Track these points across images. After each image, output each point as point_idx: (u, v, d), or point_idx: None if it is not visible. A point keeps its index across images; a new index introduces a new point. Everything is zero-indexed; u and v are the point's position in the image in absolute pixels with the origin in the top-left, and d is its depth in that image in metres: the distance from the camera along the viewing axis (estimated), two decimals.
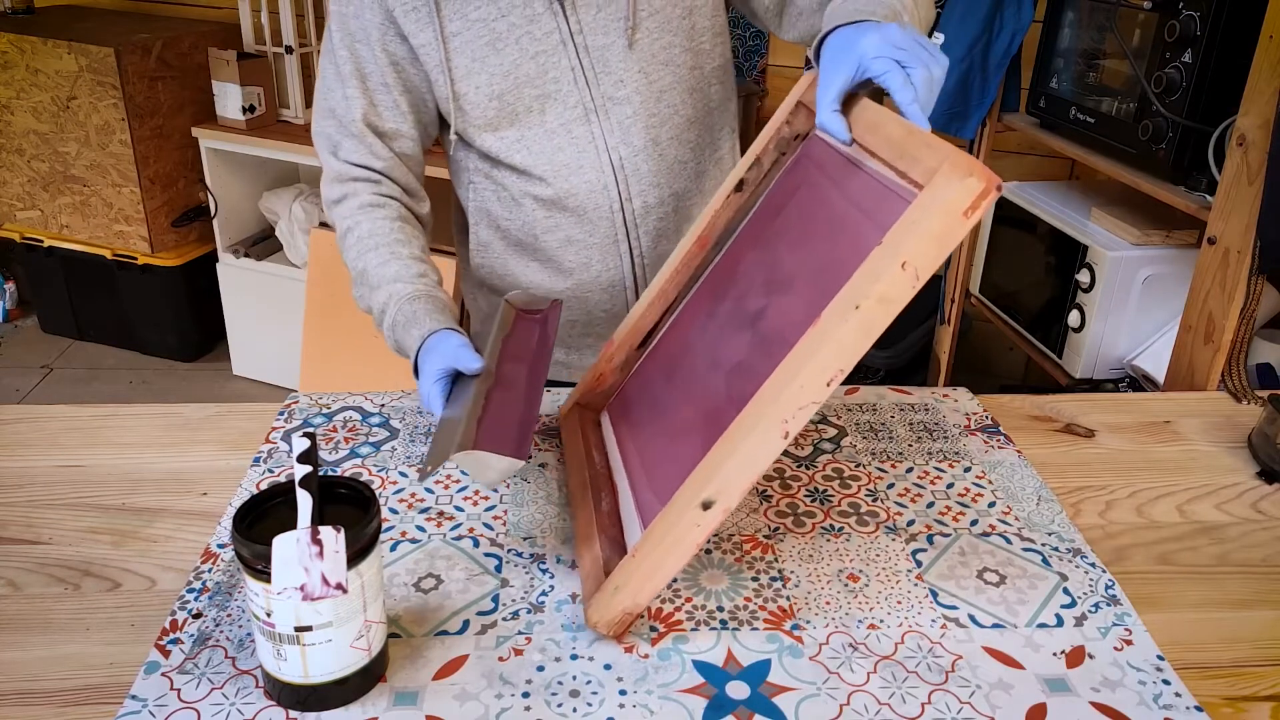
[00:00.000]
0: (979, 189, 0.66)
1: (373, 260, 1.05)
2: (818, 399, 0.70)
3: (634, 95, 1.09)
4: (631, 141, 1.11)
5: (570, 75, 1.07)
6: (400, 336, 1.01)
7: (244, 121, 2.83)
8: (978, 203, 0.66)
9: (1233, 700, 0.76)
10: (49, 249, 3.11)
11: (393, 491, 0.98)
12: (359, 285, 1.08)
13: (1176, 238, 1.79)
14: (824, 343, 0.69)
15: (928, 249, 0.67)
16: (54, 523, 0.93)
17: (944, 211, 0.67)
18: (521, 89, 1.07)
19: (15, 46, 2.81)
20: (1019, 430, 1.13)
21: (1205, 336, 1.44)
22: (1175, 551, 0.94)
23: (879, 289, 0.68)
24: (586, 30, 1.06)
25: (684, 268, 1.01)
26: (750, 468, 0.72)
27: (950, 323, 2.33)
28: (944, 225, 0.67)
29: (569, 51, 1.06)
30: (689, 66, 1.12)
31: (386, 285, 1.03)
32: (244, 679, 0.74)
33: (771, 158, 0.98)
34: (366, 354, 2.48)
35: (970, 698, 0.74)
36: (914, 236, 0.67)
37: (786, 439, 0.71)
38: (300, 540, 0.67)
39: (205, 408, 1.13)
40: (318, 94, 1.12)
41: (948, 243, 0.67)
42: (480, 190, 1.16)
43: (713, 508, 0.73)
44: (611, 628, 0.78)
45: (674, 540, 0.74)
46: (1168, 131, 1.63)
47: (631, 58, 1.08)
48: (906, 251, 0.67)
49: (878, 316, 0.69)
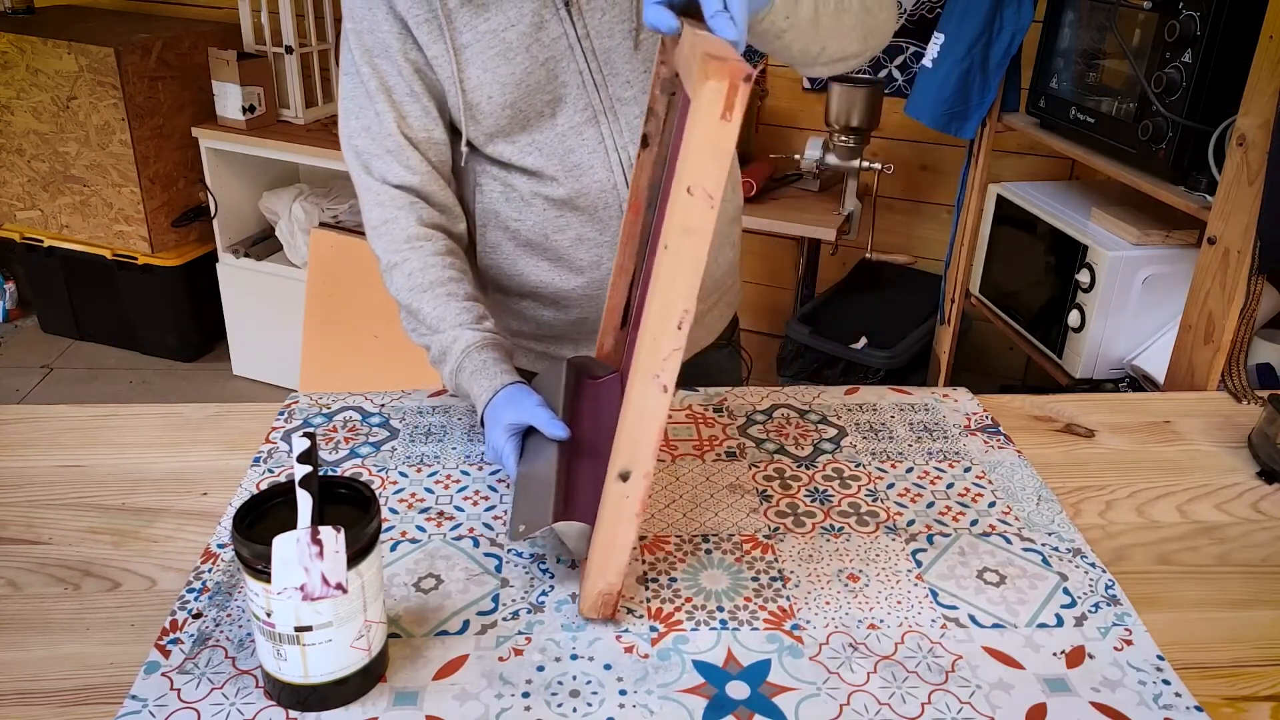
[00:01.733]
0: (724, 88, 0.63)
1: (427, 301, 1.05)
2: (676, 345, 0.70)
3: (640, 95, 1.10)
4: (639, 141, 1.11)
5: (579, 79, 1.08)
6: (466, 382, 1.01)
7: (244, 121, 2.83)
8: (730, 101, 0.63)
9: (1233, 700, 0.76)
10: (49, 249, 3.11)
11: (393, 491, 0.98)
12: (411, 320, 1.08)
13: (1176, 238, 1.78)
14: (655, 291, 0.69)
15: (703, 166, 0.65)
16: (54, 523, 0.93)
17: (703, 123, 0.64)
18: (533, 96, 1.07)
19: (15, 46, 2.82)
20: (1019, 430, 1.13)
21: (1205, 336, 1.44)
22: (1175, 551, 0.94)
23: (677, 221, 0.67)
24: (594, 34, 1.06)
25: (628, 239, 1.01)
26: (645, 428, 0.73)
27: (950, 323, 2.33)
28: (708, 137, 0.64)
29: (577, 55, 1.07)
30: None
31: (449, 330, 1.03)
32: (244, 679, 0.74)
33: (663, 104, 0.96)
34: (366, 354, 2.48)
35: (970, 698, 0.74)
36: (688, 158, 0.65)
37: (667, 391, 0.71)
38: (300, 540, 0.67)
39: (205, 408, 1.13)
40: (344, 115, 1.12)
41: (720, 153, 0.65)
42: (488, 192, 1.16)
43: (631, 477, 0.74)
44: (594, 609, 0.80)
45: (612, 517, 0.76)
46: (1168, 131, 1.63)
47: (637, 58, 1.09)
48: (687, 176, 0.65)
49: (688, 248, 0.67)
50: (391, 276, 1.09)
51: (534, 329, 1.24)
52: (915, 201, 2.78)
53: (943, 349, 2.36)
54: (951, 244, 2.29)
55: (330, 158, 2.76)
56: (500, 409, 0.96)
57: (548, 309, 1.21)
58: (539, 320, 1.23)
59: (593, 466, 0.87)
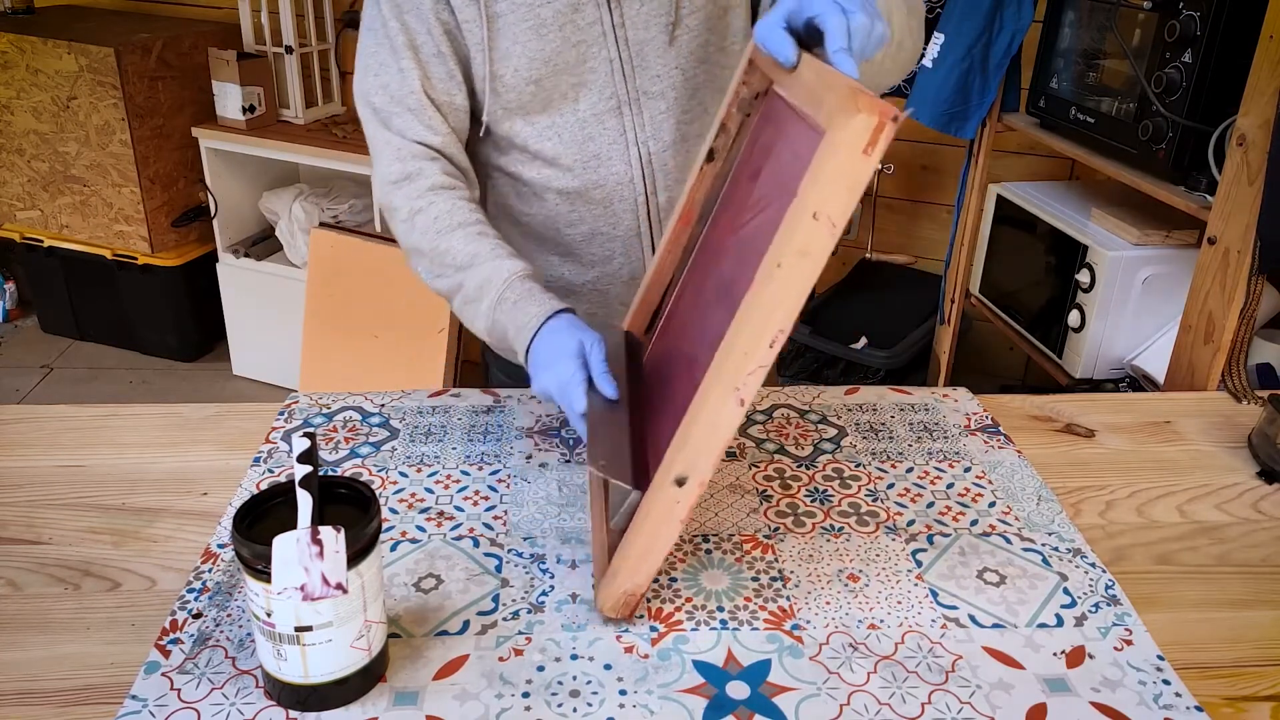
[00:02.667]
0: (872, 124, 0.64)
1: (458, 238, 1.02)
2: (764, 362, 0.70)
3: (669, 90, 1.10)
4: (661, 136, 1.12)
5: (608, 66, 1.08)
6: (507, 314, 0.97)
7: (244, 121, 2.83)
8: (875, 138, 0.64)
9: (1233, 700, 0.76)
10: (49, 249, 3.11)
11: (393, 491, 0.98)
12: (435, 264, 1.04)
13: (1176, 238, 1.78)
14: (755, 306, 0.69)
15: (835, 195, 0.66)
16: (54, 523, 0.93)
17: (843, 153, 0.65)
18: (559, 76, 1.07)
19: (15, 46, 2.81)
20: (1019, 430, 1.13)
21: (1205, 336, 1.44)
22: (1175, 551, 0.93)
23: (796, 243, 0.67)
24: (629, 24, 1.06)
25: (673, 246, 1.01)
26: (713, 440, 0.73)
27: (950, 323, 2.33)
28: (846, 168, 0.65)
29: (609, 43, 1.07)
30: (721, 66, 1.13)
31: (486, 263, 1.00)
32: (244, 679, 0.74)
33: (736, 121, 0.97)
34: (366, 354, 2.48)
35: (970, 698, 0.74)
36: (819, 185, 0.66)
37: (744, 406, 0.71)
38: (300, 540, 0.67)
39: (205, 408, 1.13)
40: (361, 71, 1.09)
41: (854, 185, 0.66)
42: (499, 185, 1.16)
43: (687, 483, 0.74)
44: (616, 610, 0.79)
45: (658, 519, 0.75)
46: (1168, 131, 1.63)
47: (670, 54, 1.09)
48: (814, 201, 0.66)
49: (801, 272, 0.68)
50: (415, 223, 1.05)
51: None
52: (915, 201, 2.78)
53: (943, 349, 2.36)
54: (951, 244, 2.29)
55: (330, 158, 2.76)
56: (560, 334, 0.92)
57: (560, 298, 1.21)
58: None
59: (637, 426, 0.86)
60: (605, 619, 0.81)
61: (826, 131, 0.67)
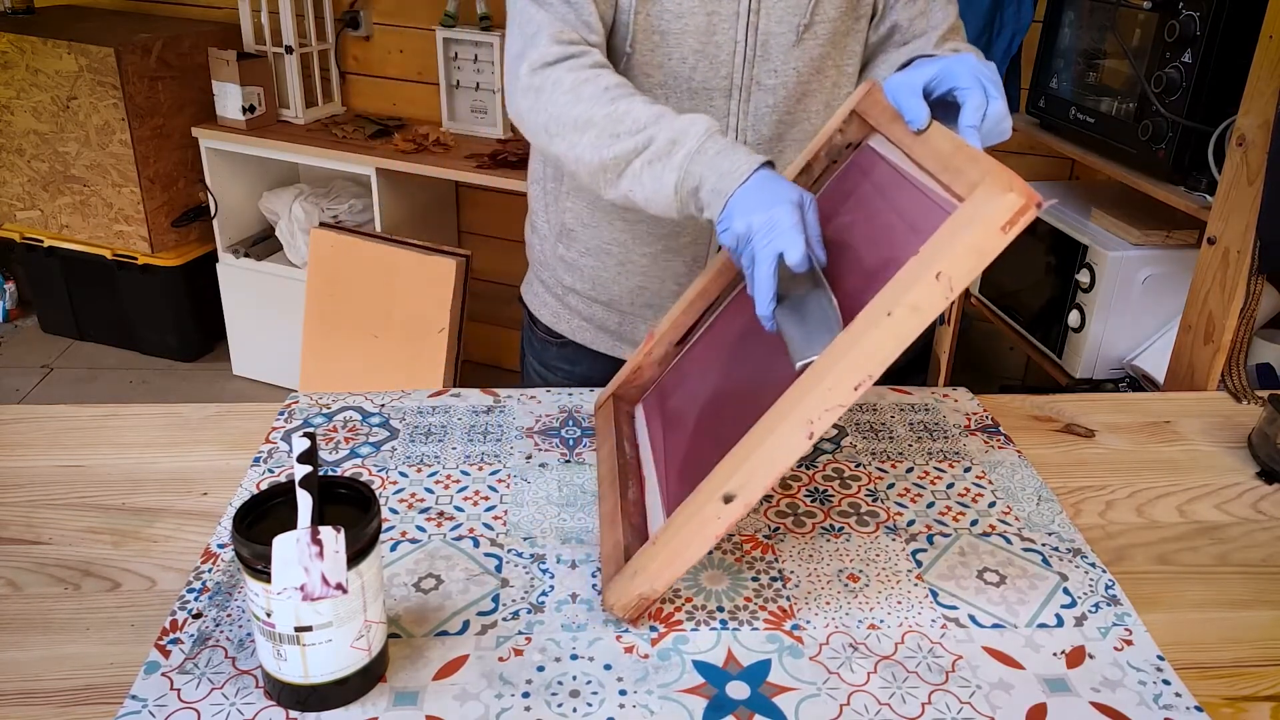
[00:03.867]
0: (1019, 205, 0.67)
1: (638, 102, 0.97)
2: (844, 402, 0.71)
3: (780, 87, 1.11)
4: (761, 130, 1.13)
5: (732, 47, 1.08)
6: (709, 163, 0.91)
7: (244, 121, 2.83)
8: (1016, 218, 0.67)
9: (1233, 700, 0.76)
10: (49, 249, 3.11)
11: (393, 491, 0.98)
12: (610, 129, 0.97)
13: (1176, 238, 1.78)
14: (854, 347, 0.70)
15: (963, 261, 0.68)
16: (54, 523, 0.93)
17: (982, 225, 0.67)
18: (685, 36, 1.07)
19: (15, 46, 2.82)
20: (1019, 430, 1.13)
21: (1205, 336, 1.44)
22: (1175, 551, 0.93)
23: (911, 297, 0.69)
24: (764, 13, 1.07)
25: (727, 268, 1.02)
26: (773, 465, 0.73)
27: (950, 323, 2.33)
28: (981, 238, 0.68)
29: (740, 26, 1.07)
30: (832, 81, 1.14)
31: (676, 118, 0.94)
32: (244, 679, 0.74)
33: (822, 165, 0.99)
34: (366, 354, 2.48)
35: (970, 698, 0.74)
36: (950, 248, 0.68)
37: (811, 439, 0.72)
38: (300, 540, 0.67)
39: (205, 408, 1.13)
40: None
41: (984, 256, 0.68)
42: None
43: (734, 501, 0.74)
44: (627, 611, 0.79)
45: (694, 529, 0.75)
46: (1168, 131, 1.63)
47: (794, 53, 1.10)
48: (942, 262, 0.68)
49: (909, 324, 0.69)
50: (581, 92, 0.99)
51: (589, 288, 1.24)
52: None
53: (943, 349, 2.36)
54: None
55: (330, 158, 2.76)
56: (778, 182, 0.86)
57: (610, 269, 1.21)
58: (597, 279, 1.23)
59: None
60: (607, 618, 0.81)
61: (968, 200, 0.69)
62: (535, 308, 1.34)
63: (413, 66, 3.04)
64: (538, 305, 1.34)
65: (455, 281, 2.27)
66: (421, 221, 2.94)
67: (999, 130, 0.86)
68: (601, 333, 1.27)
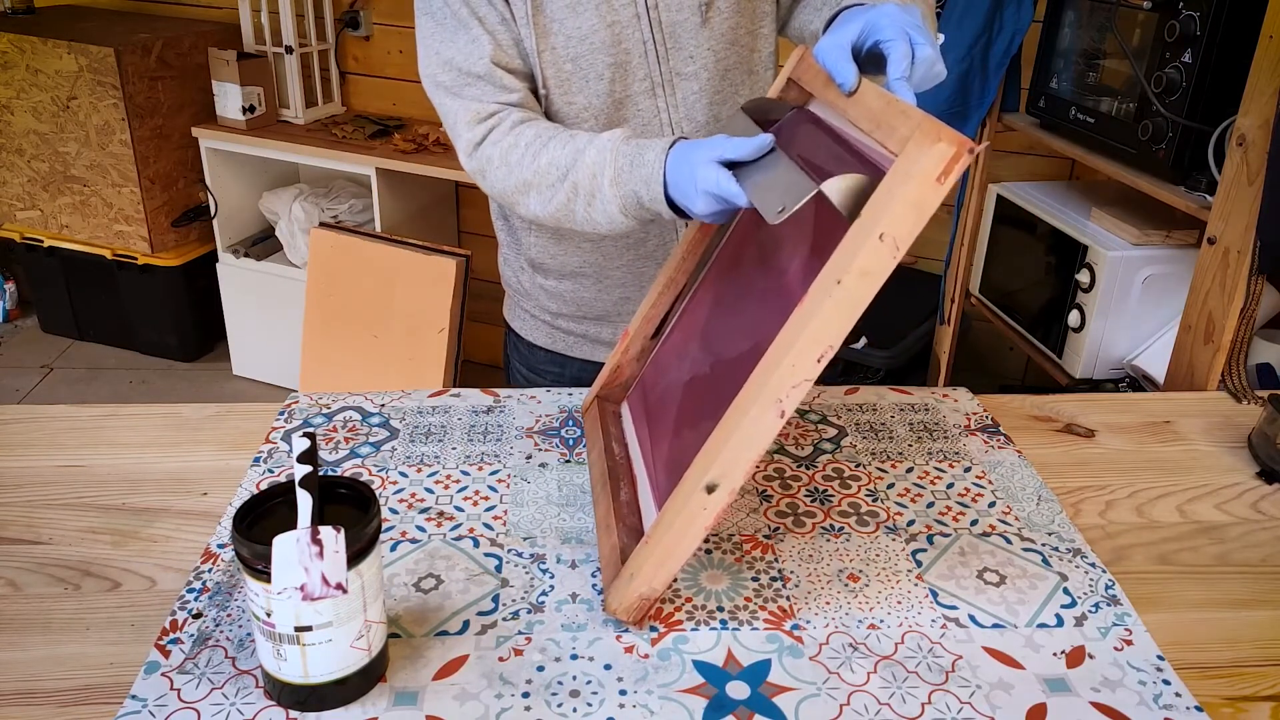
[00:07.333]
0: (950, 153, 0.65)
1: (555, 147, 1.00)
2: (809, 376, 0.71)
3: (701, 72, 1.11)
4: (695, 118, 1.13)
5: (642, 48, 1.08)
6: (629, 168, 0.94)
7: (244, 121, 2.83)
8: (950, 167, 0.66)
9: (1233, 700, 0.76)
10: (49, 249, 3.11)
11: (393, 491, 0.98)
12: (544, 185, 1.01)
13: (1176, 238, 1.78)
14: (810, 320, 0.70)
15: (904, 218, 0.67)
16: (54, 523, 0.93)
17: (917, 179, 0.66)
18: (595, 55, 1.07)
19: (15, 46, 2.82)
20: (1019, 430, 1.13)
21: (1205, 336, 1.44)
22: (1175, 551, 0.93)
23: (859, 262, 0.68)
24: (663, 5, 1.07)
25: (690, 254, 1.02)
26: (750, 448, 0.73)
27: (950, 323, 2.33)
28: (918, 193, 0.66)
29: (643, 24, 1.08)
30: (750, 49, 1.14)
31: (590, 147, 0.98)
32: (244, 679, 0.74)
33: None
34: (366, 354, 2.48)
35: (970, 698, 0.74)
36: (889, 207, 0.67)
37: (783, 418, 0.71)
38: (300, 540, 0.67)
39: (205, 408, 1.13)
40: (425, 53, 1.09)
41: (924, 210, 0.67)
42: None
43: (717, 490, 0.74)
44: (630, 613, 0.79)
45: (683, 525, 0.75)
46: (1168, 131, 1.63)
47: (703, 35, 1.10)
48: (883, 223, 0.67)
49: (860, 290, 0.69)
50: (510, 160, 1.03)
51: (574, 310, 1.25)
52: None
53: (943, 349, 2.36)
54: (951, 244, 2.29)
55: (330, 158, 2.76)
56: (693, 149, 0.88)
57: (590, 289, 1.21)
58: (580, 301, 1.23)
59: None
60: (607, 618, 0.81)
61: (900, 157, 0.68)
62: (527, 333, 1.34)
63: (413, 66, 3.02)
64: (529, 330, 1.34)
65: (455, 281, 2.27)
66: (421, 221, 2.94)
67: (932, 74, 0.84)
68: (599, 345, 1.28)
